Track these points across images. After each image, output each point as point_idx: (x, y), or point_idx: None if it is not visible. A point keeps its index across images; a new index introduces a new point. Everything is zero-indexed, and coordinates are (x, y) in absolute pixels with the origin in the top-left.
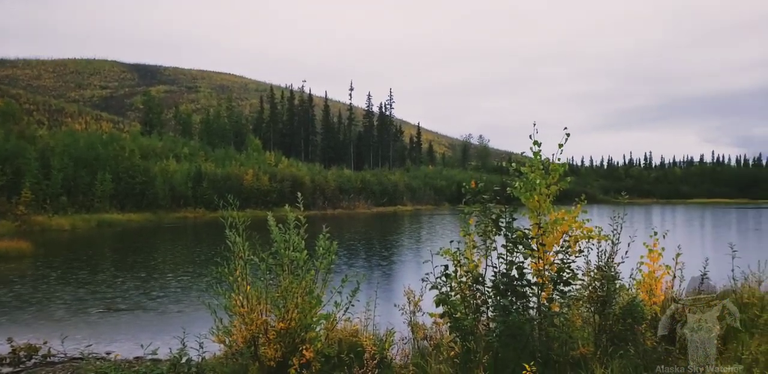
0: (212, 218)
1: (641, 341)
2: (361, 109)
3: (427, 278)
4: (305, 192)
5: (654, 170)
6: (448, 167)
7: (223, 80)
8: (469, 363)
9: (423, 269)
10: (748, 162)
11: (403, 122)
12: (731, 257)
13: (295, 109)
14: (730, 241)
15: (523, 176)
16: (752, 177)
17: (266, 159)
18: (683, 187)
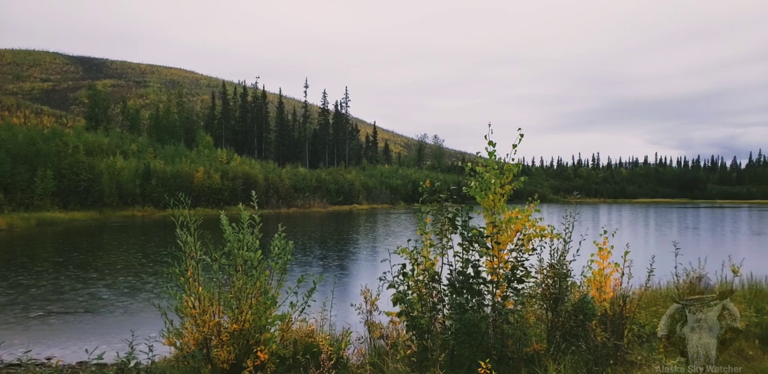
0: (162, 217)
1: (592, 337)
2: (316, 106)
3: (385, 277)
4: (259, 191)
5: (601, 171)
6: (404, 166)
7: (174, 75)
8: (425, 362)
9: (380, 269)
10: (688, 164)
11: (359, 120)
12: (674, 255)
13: (248, 105)
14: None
15: (479, 175)
16: (692, 178)
17: (218, 156)
18: (629, 187)
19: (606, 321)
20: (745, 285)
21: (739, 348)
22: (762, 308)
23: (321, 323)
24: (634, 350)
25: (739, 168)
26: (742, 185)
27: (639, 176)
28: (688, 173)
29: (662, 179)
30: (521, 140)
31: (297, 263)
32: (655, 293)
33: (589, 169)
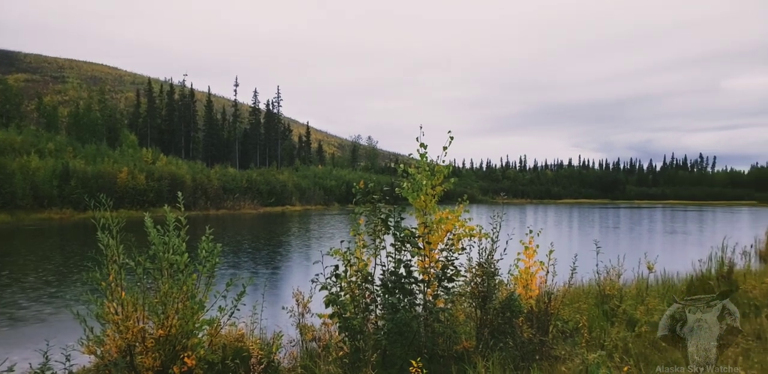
0: (82, 220)
1: (519, 333)
2: (247, 106)
3: (317, 279)
4: (186, 192)
5: (528, 173)
6: (337, 167)
7: (95, 71)
8: (357, 362)
9: (313, 271)
10: (609, 166)
11: (291, 120)
12: (596, 253)
13: (175, 104)
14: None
15: (411, 176)
16: (612, 180)
17: (143, 156)
18: (554, 188)
19: (532, 318)
20: (659, 281)
21: (653, 340)
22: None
23: (251, 327)
24: (558, 345)
25: (654, 171)
26: (657, 186)
27: (563, 177)
28: (609, 175)
29: (585, 181)
30: (451, 143)
31: (226, 266)
32: (578, 290)
33: (516, 171)
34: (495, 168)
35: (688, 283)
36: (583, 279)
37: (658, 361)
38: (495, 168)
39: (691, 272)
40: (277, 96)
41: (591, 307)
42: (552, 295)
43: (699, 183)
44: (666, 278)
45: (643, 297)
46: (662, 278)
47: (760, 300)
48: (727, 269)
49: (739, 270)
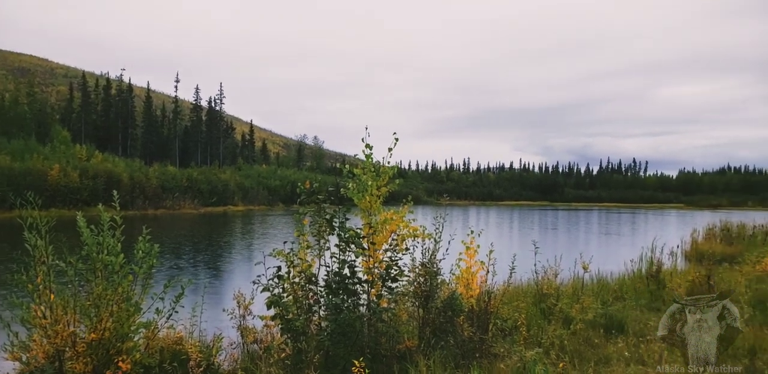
0: (7, 219)
1: (460, 332)
2: (188, 102)
3: (259, 280)
4: (123, 190)
5: (471, 175)
6: (282, 166)
7: (23, 62)
8: (300, 364)
9: (255, 272)
10: (548, 169)
11: (234, 118)
12: (534, 254)
13: (111, 99)
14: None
15: (356, 177)
16: (551, 183)
17: (76, 153)
18: (496, 190)
19: (473, 317)
20: (594, 280)
21: (587, 337)
22: (607, 300)
23: (190, 329)
24: (497, 343)
25: (591, 174)
26: (594, 189)
27: (505, 180)
28: (549, 178)
29: (526, 183)
30: (396, 144)
31: (165, 267)
32: (517, 289)
33: (460, 173)
34: (440, 170)
35: (621, 282)
36: (521, 279)
37: (592, 357)
38: (440, 170)
39: (623, 272)
40: (219, 93)
41: (529, 306)
42: (492, 294)
43: (632, 187)
44: (600, 278)
45: (579, 296)
46: (597, 277)
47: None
48: (656, 269)
49: (667, 270)
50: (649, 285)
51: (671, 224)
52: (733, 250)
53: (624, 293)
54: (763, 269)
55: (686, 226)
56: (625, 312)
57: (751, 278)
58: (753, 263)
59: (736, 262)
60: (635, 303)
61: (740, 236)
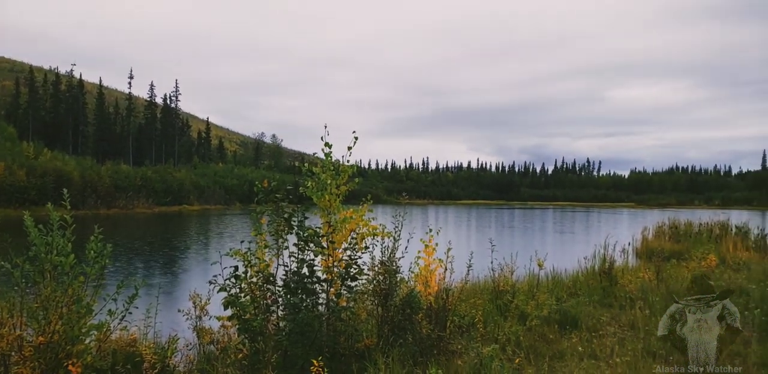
0: None
1: (418, 329)
2: (142, 99)
3: (215, 280)
4: (73, 189)
5: (430, 174)
6: (239, 165)
7: None
8: (257, 364)
9: (211, 272)
10: (504, 169)
11: (190, 116)
12: (491, 251)
13: (61, 95)
14: (490, 237)
15: (315, 176)
16: (508, 182)
17: (23, 151)
18: (454, 189)
19: (431, 314)
20: (549, 277)
21: (542, 333)
22: (561, 297)
23: (145, 331)
24: (455, 340)
25: (546, 173)
26: (549, 188)
27: (463, 179)
28: (505, 177)
29: (483, 183)
30: (356, 143)
31: (118, 268)
32: (474, 286)
33: (419, 172)
34: (399, 169)
35: (575, 279)
36: (479, 276)
37: (547, 352)
38: (399, 169)
39: (577, 269)
40: (175, 90)
41: (486, 302)
42: (450, 291)
43: (586, 186)
44: (555, 275)
45: (534, 293)
46: (551, 274)
47: (634, 294)
48: (608, 266)
49: (619, 266)
50: (602, 282)
51: (623, 222)
52: (681, 247)
53: (578, 289)
54: (708, 265)
55: (637, 224)
56: (578, 307)
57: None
58: (699, 259)
59: (683, 259)
60: (588, 299)
61: (687, 234)
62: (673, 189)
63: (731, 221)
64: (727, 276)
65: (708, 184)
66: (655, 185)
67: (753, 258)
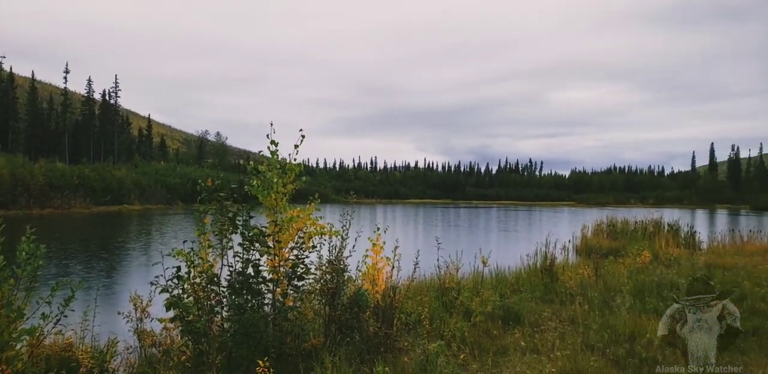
0: None
1: (365, 327)
2: (79, 95)
3: (157, 281)
4: (3, 188)
5: (378, 174)
6: (182, 163)
7: None
8: (201, 366)
9: (153, 273)
10: (451, 168)
11: (130, 112)
12: (437, 249)
13: None
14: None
15: (261, 174)
16: (453, 181)
17: None
18: (401, 189)
19: (378, 312)
20: (493, 274)
21: (487, 329)
22: (505, 293)
23: (82, 335)
24: (402, 337)
25: (490, 173)
26: (493, 188)
27: (410, 178)
28: (451, 176)
29: (429, 182)
30: (303, 141)
31: (53, 270)
32: (420, 283)
33: (367, 171)
34: (348, 168)
35: (518, 275)
36: (425, 274)
37: (491, 348)
38: (348, 168)
39: (520, 266)
40: (114, 86)
41: (432, 300)
42: (397, 289)
43: (528, 185)
44: (499, 272)
45: (479, 289)
46: (495, 271)
47: (574, 290)
48: (549, 263)
49: (559, 263)
50: (543, 278)
51: (564, 220)
52: (618, 244)
53: (520, 286)
54: (642, 261)
55: (577, 223)
56: (521, 303)
57: (632, 270)
58: (634, 256)
59: (620, 255)
60: (531, 295)
61: (624, 232)
62: (611, 189)
63: (664, 220)
64: (659, 272)
65: (643, 184)
66: (594, 184)
67: (683, 254)
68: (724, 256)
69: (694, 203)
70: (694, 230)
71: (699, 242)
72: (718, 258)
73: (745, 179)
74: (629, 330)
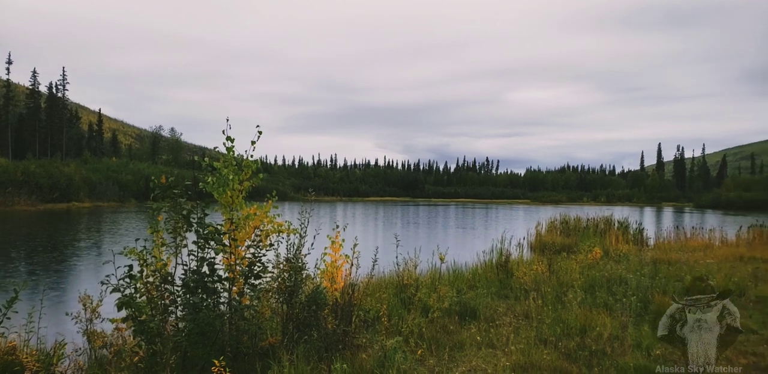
0: None
1: (323, 325)
2: (23, 87)
3: (108, 280)
4: None
5: (338, 171)
6: (135, 160)
7: None
8: (155, 367)
9: (104, 272)
10: (410, 167)
11: (80, 106)
12: (396, 246)
13: None
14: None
15: (216, 171)
16: (413, 179)
17: None
18: (362, 186)
19: (337, 309)
20: (450, 270)
21: (444, 324)
22: (461, 289)
23: (26, 337)
24: (360, 334)
25: (449, 172)
26: (452, 186)
27: (370, 176)
28: (411, 174)
29: (390, 180)
30: (260, 137)
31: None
32: (379, 280)
33: (327, 169)
34: (307, 166)
35: (474, 272)
36: (384, 271)
37: (447, 343)
38: (307, 166)
39: (476, 262)
40: (62, 78)
41: (391, 296)
42: (356, 286)
43: (485, 184)
44: (456, 268)
45: (436, 286)
46: (453, 268)
47: (529, 285)
48: (504, 259)
49: (514, 259)
50: (499, 274)
51: (519, 218)
52: (570, 241)
53: (477, 282)
54: (593, 257)
55: (531, 220)
56: (477, 299)
57: (584, 266)
58: (586, 252)
59: (573, 251)
60: (486, 291)
61: (576, 229)
62: (565, 187)
63: (614, 217)
64: (609, 267)
65: (595, 182)
66: (548, 183)
67: (632, 250)
68: (669, 252)
69: (643, 201)
70: (642, 228)
71: (647, 239)
72: (663, 254)
73: (690, 179)
74: (580, 323)
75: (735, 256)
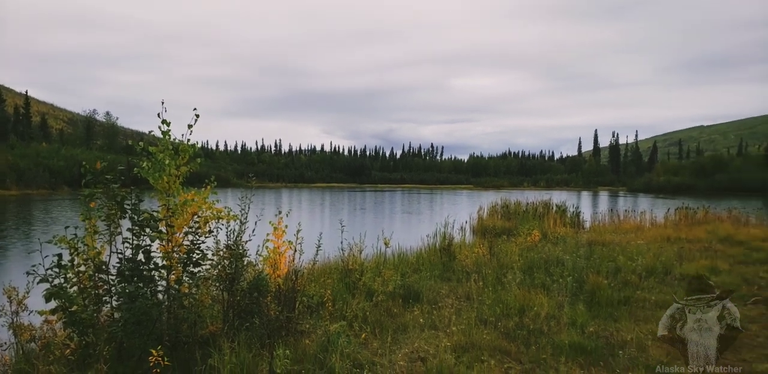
0: None
1: (266, 312)
2: None
3: (35, 270)
4: None
5: (283, 157)
6: (68, 145)
7: None
8: (87, 359)
9: (31, 262)
10: (357, 152)
11: (4, 88)
12: (341, 232)
13: None
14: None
15: (152, 156)
16: (359, 165)
17: None
18: (308, 172)
19: (280, 296)
20: (395, 255)
21: (388, 308)
22: (405, 272)
23: None
24: (304, 320)
25: (395, 157)
26: (398, 171)
27: (316, 162)
28: (357, 160)
29: (336, 166)
30: (197, 121)
31: None
32: (324, 266)
33: (272, 155)
34: (250, 151)
35: (418, 255)
36: (329, 256)
37: (391, 326)
38: (250, 151)
39: (420, 246)
40: None
41: (335, 282)
42: (299, 272)
43: (430, 169)
44: (401, 252)
45: (381, 270)
46: (397, 252)
47: (470, 268)
48: (447, 243)
49: (457, 243)
50: (442, 258)
51: (462, 202)
52: (511, 225)
53: (420, 265)
54: (532, 240)
55: (474, 204)
56: (421, 282)
57: (523, 248)
58: (525, 235)
59: (513, 235)
60: (430, 274)
61: (516, 213)
62: (506, 172)
63: (552, 201)
64: (547, 249)
65: (535, 168)
66: (490, 168)
67: (569, 233)
68: (604, 234)
69: (580, 186)
70: (579, 211)
71: (583, 222)
72: (598, 236)
73: (624, 164)
74: (519, 304)
75: (663, 237)
